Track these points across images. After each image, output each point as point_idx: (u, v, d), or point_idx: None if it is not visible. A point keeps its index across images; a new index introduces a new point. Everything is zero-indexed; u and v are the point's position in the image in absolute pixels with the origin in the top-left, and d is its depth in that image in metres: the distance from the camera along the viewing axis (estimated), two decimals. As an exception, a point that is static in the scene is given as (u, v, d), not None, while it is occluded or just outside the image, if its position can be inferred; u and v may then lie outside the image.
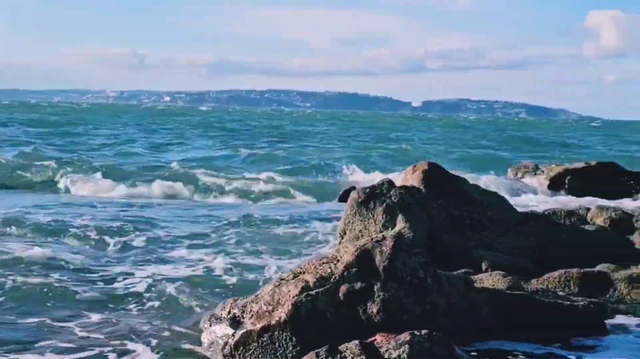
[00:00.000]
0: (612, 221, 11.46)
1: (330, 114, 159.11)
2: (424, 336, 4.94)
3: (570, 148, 51.29)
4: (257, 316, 7.47)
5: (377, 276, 7.30)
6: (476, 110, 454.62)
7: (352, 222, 10.40)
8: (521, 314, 7.82)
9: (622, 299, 9.15)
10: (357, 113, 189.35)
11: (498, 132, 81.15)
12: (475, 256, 10.27)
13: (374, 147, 46.29)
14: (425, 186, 10.97)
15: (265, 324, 7.30)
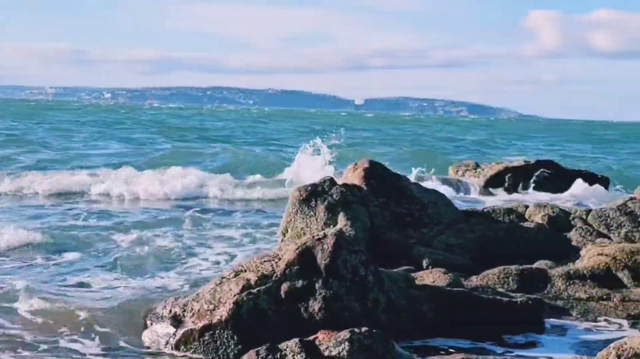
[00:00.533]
0: (549, 219, 11.61)
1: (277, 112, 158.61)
2: (363, 334, 4.96)
3: (506, 148, 51.83)
4: (198, 315, 7.43)
5: (319, 274, 7.31)
6: (418, 108, 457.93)
7: (294, 220, 10.40)
8: (461, 311, 7.90)
9: (559, 296, 9.29)
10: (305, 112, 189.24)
11: (438, 129, 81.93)
12: (416, 253, 10.34)
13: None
14: (367, 184, 11.02)
15: (207, 323, 7.27)
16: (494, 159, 30.33)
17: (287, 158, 28.77)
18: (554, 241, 11.08)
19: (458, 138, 63.51)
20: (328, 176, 11.07)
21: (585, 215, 11.78)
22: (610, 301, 9.08)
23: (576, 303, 9.11)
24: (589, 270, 9.55)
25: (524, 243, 10.99)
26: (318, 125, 77.60)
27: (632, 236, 11.25)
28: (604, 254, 9.79)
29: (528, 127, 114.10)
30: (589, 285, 9.39)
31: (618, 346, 5.24)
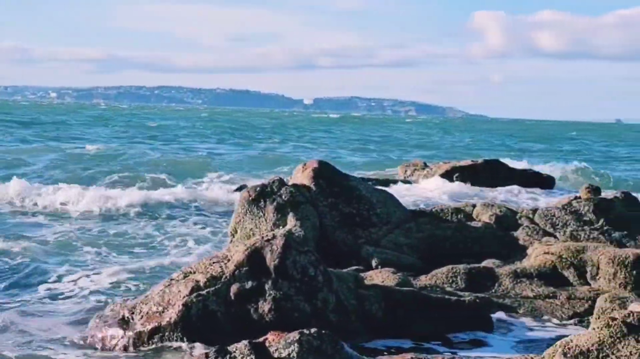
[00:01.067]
0: (497, 218, 11.71)
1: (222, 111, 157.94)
2: (312, 335, 4.95)
3: (455, 147, 52.27)
4: (147, 317, 7.37)
5: (268, 275, 7.30)
6: (366, 107, 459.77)
7: (243, 221, 10.36)
8: (410, 310, 7.93)
9: (507, 294, 9.37)
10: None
11: (387, 129, 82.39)
12: (365, 253, 10.37)
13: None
14: (316, 185, 11.02)
15: (156, 325, 7.22)
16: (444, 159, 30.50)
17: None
18: (502, 240, 11.19)
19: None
20: (277, 176, 11.05)
21: (531, 214, 11.91)
22: (556, 299, 9.19)
23: (523, 301, 9.20)
24: (536, 269, 9.66)
25: (472, 243, 11.08)
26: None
27: (577, 235, 11.39)
28: (550, 253, 9.91)
29: (474, 127, 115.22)
30: (536, 283, 9.49)
31: (564, 344, 5.29)
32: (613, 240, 11.38)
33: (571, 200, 12.16)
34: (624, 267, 9.35)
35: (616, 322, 5.22)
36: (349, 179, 11.52)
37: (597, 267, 9.55)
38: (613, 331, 5.18)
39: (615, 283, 9.31)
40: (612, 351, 5.13)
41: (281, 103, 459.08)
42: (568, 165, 31.91)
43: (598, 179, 27.27)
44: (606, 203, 12.04)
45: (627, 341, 5.14)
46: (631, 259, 9.39)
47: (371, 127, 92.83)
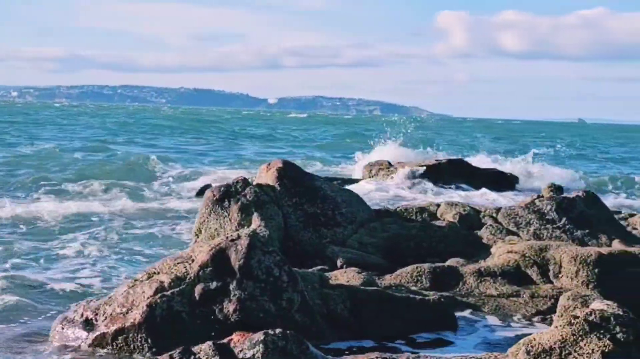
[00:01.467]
0: (461, 217, 11.79)
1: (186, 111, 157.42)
2: (277, 335, 4.95)
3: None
4: (111, 318, 7.31)
5: (233, 275, 7.28)
6: (331, 107, 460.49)
7: (208, 221, 10.34)
8: (375, 310, 7.95)
9: (471, 293, 9.43)
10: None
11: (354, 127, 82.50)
12: (330, 253, 10.38)
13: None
14: (280, 184, 11.01)
15: (120, 327, 7.17)
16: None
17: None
18: (466, 239, 11.27)
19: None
20: (241, 176, 11.03)
21: (495, 213, 12.00)
22: (520, 298, 9.26)
23: (487, 300, 9.26)
24: (499, 267, 9.72)
25: (437, 242, 11.14)
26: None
27: (540, 234, 11.50)
28: (513, 251, 9.99)
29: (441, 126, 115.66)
30: (500, 282, 9.55)
31: (527, 342, 5.34)
32: (575, 239, 11.50)
33: (534, 199, 12.27)
34: (586, 265, 9.44)
35: (578, 320, 5.28)
36: (313, 179, 11.53)
37: (560, 265, 9.64)
38: (575, 329, 5.23)
39: (578, 281, 9.40)
40: (575, 349, 5.18)
41: (246, 102, 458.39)
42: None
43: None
44: (568, 202, 12.16)
45: (589, 338, 5.19)
46: (593, 257, 9.48)
47: (339, 125, 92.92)
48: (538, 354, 5.22)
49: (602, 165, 40.69)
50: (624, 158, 48.97)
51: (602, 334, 5.20)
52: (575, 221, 11.85)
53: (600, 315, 5.31)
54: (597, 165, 40.93)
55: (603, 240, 11.65)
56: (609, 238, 11.72)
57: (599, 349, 5.11)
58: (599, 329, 5.23)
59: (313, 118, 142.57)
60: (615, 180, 29.42)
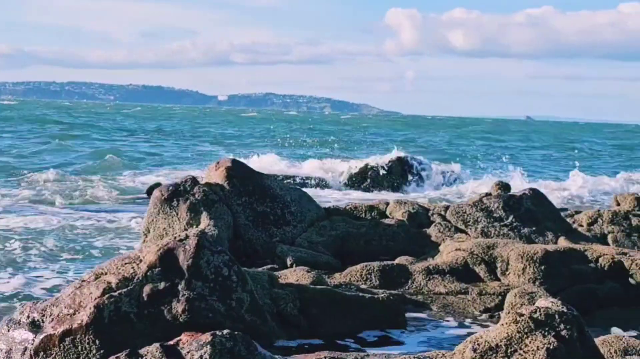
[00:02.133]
0: (409, 215, 11.87)
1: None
2: (225, 336, 4.93)
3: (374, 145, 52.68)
4: (57, 320, 7.23)
5: (181, 275, 7.24)
6: (282, 104, 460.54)
7: (156, 220, 10.27)
8: (325, 309, 7.98)
9: (420, 291, 9.50)
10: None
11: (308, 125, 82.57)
12: (279, 251, 10.39)
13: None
14: (229, 183, 10.99)
15: (67, 328, 7.09)
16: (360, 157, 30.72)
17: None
18: (414, 237, 11.35)
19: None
20: (190, 175, 10.99)
21: (443, 211, 12.10)
22: (468, 295, 9.35)
23: (436, 297, 9.35)
24: (448, 265, 9.81)
25: (386, 240, 11.20)
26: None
27: (488, 231, 11.63)
28: (461, 249, 10.08)
29: (391, 123, 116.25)
30: (448, 279, 9.64)
31: (474, 340, 5.39)
32: (522, 236, 11.65)
33: (482, 196, 12.39)
34: (532, 262, 9.56)
35: (523, 318, 5.34)
36: (262, 177, 11.51)
37: (507, 263, 9.76)
38: (521, 327, 5.30)
39: (525, 278, 9.52)
40: (520, 346, 5.24)
41: (195, 99, 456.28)
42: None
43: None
44: (515, 199, 12.31)
45: (534, 336, 5.26)
46: (539, 254, 9.61)
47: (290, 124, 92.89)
48: (484, 352, 5.27)
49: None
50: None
51: (547, 332, 5.27)
52: (522, 219, 12.00)
53: (545, 312, 5.38)
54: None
55: (549, 237, 11.82)
56: (555, 235, 11.89)
57: (544, 346, 5.18)
58: (544, 326, 5.30)
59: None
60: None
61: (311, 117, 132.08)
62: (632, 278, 9.69)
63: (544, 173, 33.13)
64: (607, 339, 6.40)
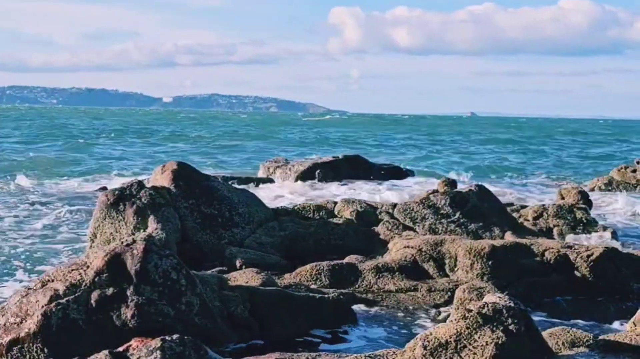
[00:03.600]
0: (358, 214, 11.92)
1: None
2: (175, 341, 4.90)
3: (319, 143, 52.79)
4: (4, 328, 7.12)
5: (130, 280, 7.17)
6: (227, 104, 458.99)
7: (102, 225, 10.17)
8: (275, 310, 7.96)
9: (370, 289, 9.53)
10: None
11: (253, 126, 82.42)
12: (228, 254, 10.35)
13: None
14: (176, 186, 10.92)
15: (14, 337, 6.98)
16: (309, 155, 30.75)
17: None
18: (363, 236, 11.39)
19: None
20: (136, 179, 10.90)
21: (391, 209, 12.16)
22: (417, 292, 9.41)
23: (386, 295, 9.39)
24: (397, 263, 9.86)
25: (335, 239, 11.23)
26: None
27: (436, 228, 11.72)
28: (409, 246, 10.14)
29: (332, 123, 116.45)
30: (398, 277, 9.69)
31: (424, 337, 5.42)
32: (469, 232, 11.76)
33: (429, 194, 12.49)
34: (480, 258, 9.66)
35: (472, 314, 5.39)
36: (209, 180, 11.46)
37: (455, 259, 9.84)
38: (469, 323, 5.35)
39: (473, 273, 9.61)
40: (469, 342, 5.29)
41: (140, 101, 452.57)
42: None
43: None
44: (461, 196, 12.42)
45: (483, 331, 5.31)
46: (487, 250, 9.71)
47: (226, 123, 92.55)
48: (434, 348, 5.31)
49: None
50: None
51: (495, 327, 5.33)
52: (468, 215, 12.12)
53: (493, 308, 5.44)
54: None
55: (496, 232, 11.96)
56: (501, 230, 12.03)
57: (493, 342, 5.24)
58: (492, 321, 5.36)
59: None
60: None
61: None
62: (577, 271, 9.84)
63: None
64: (555, 332, 6.48)
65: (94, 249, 8.15)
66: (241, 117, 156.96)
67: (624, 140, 69.21)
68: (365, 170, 23.85)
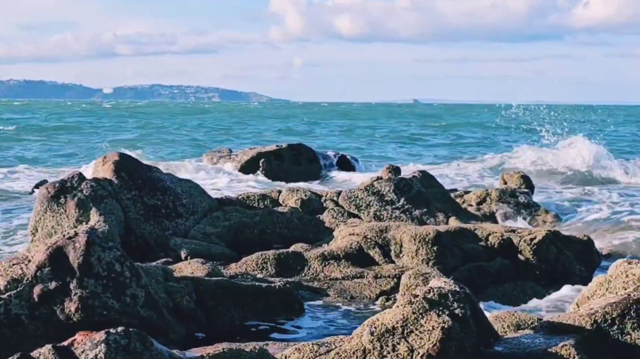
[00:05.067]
0: (302, 202, 11.91)
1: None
2: (119, 334, 4.83)
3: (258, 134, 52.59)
4: (-57, 326, 6.98)
5: (72, 273, 7.08)
6: (169, 95, 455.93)
7: (44, 219, 10.01)
8: (222, 300, 7.93)
9: (316, 277, 9.54)
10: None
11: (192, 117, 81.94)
12: (173, 245, 10.27)
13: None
14: (118, 177, 10.79)
15: (-47, 335, 6.85)
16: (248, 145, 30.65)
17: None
18: (308, 224, 11.39)
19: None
20: (77, 171, 10.76)
21: (336, 197, 12.18)
22: (364, 279, 9.44)
23: (332, 283, 9.40)
24: (343, 250, 9.88)
25: (280, 228, 11.21)
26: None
27: (380, 215, 11.76)
28: (355, 234, 10.16)
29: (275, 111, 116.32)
30: (344, 264, 9.71)
31: (371, 323, 5.43)
32: (414, 218, 11.83)
33: (373, 181, 12.53)
34: (425, 244, 9.71)
35: (418, 299, 5.41)
36: (152, 170, 11.35)
37: (400, 245, 9.88)
38: (415, 308, 5.36)
39: (418, 259, 9.67)
40: (416, 327, 5.31)
41: (80, 93, 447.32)
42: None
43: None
44: (405, 182, 12.49)
45: (429, 316, 5.33)
46: (431, 236, 9.77)
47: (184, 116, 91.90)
48: (382, 334, 5.32)
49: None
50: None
51: (441, 311, 5.35)
52: (413, 201, 12.19)
53: (439, 292, 5.46)
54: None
55: (440, 218, 12.05)
56: (445, 216, 12.12)
57: (439, 326, 5.26)
58: (438, 306, 5.39)
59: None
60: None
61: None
62: (521, 254, 9.96)
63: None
64: (500, 315, 6.55)
65: (36, 243, 8.03)
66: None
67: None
68: (310, 159, 23.83)
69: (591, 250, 10.45)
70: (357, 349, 5.32)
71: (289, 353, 5.52)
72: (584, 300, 6.43)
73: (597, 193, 18.72)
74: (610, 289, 6.28)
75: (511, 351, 5.52)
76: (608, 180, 22.64)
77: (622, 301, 5.74)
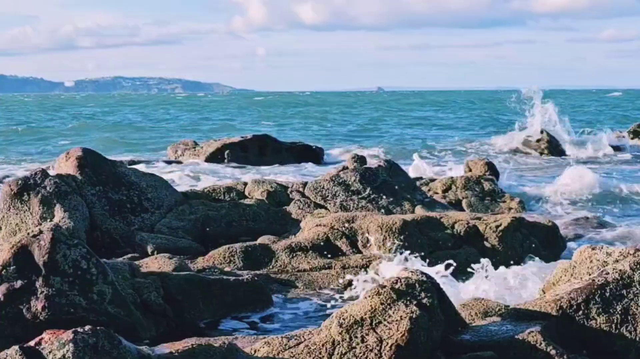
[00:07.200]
0: (268, 194, 11.89)
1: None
2: (87, 332, 4.79)
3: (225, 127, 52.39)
4: None
5: (38, 271, 7.02)
6: (132, 87, 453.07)
7: (7, 217, 9.91)
8: (190, 295, 7.90)
9: (284, 269, 9.53)
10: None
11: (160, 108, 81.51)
12: (139, 240, 10.21)
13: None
14: (82, 173, 10.70)
15: None
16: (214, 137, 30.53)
17: None
18: (275, 216, 11.38)
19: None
20: (39, 167, 10.66)
21: (302, 188, 12.17)
22: (332, 270, 9.45)
23: (300, 274, 9.40)
24: (310, 241, 9.88)
25: (247, 220, 11.19)
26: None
27: (347, 205, 11.78)
28: (322, 225, 10.17)
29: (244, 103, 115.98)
30: (311, 255, 9.72)
31: (339, 314, 5.44)
32: (380, 207, 11.86)
33: (339, 171, 12.53)
34: (392, 233, 9.75)
35: (385, 289, 5.43)
36: (116, 165, 11.27)
37: (368, 235, 9.91)
38: (383, 298, 5.38)
39: (385, 248, 9.70)
40: (384, 317, 5.33)
41: (41, 87, 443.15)
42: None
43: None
44: (371, 172, 12.51)
45: (397, 306, 5.36)
46: (398, 225, 9.81)
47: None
48: (350, 325, 5.34)
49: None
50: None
51: (409, 301, 5.38)
52: (379, 190, 12.22)
53: (406, 283, 5.49)
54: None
55: (407, 206, 12.08)
56: (412, 205, 12.17)
57: (407, 316, 5.28)
58: (406, 296, 5.41)
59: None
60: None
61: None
62: (487, 242, 10.03)
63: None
64: (468, 303, 6.60)
65: (0, 241, 7.95)
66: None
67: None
68: (275, 150, 23.82)
69: (556, 236, 10.56)
70: (327, 342, 5.33)
71: (258, 346, 5.52)
72: (549, 286, 6.50)
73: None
74: (575, 275, 6.35)
75: (480, 339, 5.57)
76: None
77: (587, 287, 5.81)
